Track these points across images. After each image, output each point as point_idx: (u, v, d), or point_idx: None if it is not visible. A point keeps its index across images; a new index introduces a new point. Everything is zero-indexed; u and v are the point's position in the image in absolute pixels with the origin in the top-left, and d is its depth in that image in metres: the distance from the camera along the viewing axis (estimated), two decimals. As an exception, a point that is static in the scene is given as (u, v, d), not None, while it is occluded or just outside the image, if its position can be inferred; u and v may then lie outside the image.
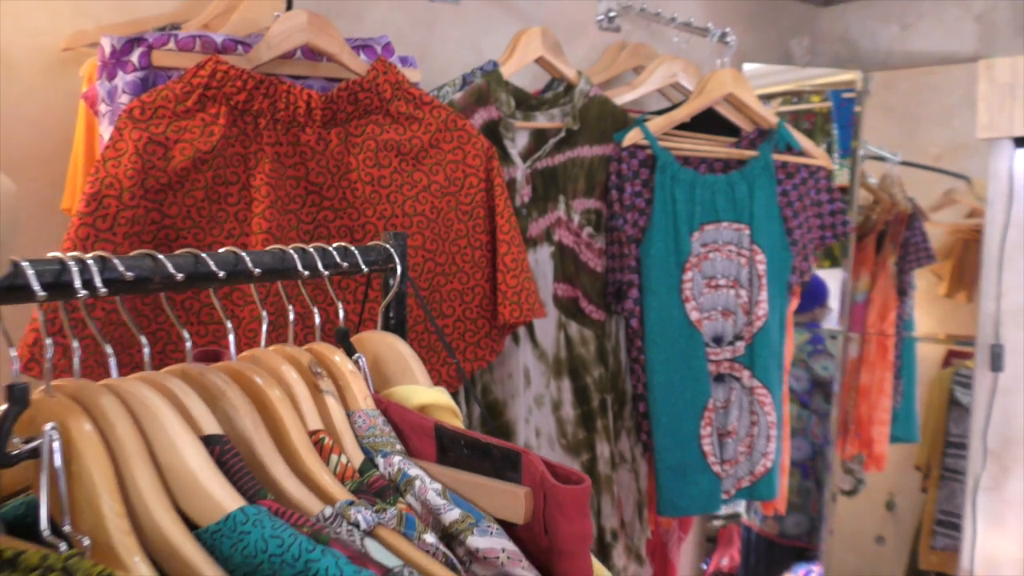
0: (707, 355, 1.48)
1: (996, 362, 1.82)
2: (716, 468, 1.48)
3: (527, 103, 1.38)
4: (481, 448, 0.55)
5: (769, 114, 1.55)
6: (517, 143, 1.34)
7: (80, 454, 0.42)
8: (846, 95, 2.21)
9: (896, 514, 2.63)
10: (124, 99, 1.07)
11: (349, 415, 0.58)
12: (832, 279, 2.38)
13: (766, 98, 2.29)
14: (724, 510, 2.59)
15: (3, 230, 0.29)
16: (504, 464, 0.54)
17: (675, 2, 1.86)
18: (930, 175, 2.30)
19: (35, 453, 0.41)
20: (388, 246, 0.68)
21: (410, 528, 0.49)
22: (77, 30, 1.20)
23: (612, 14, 1.65)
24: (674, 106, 1.55)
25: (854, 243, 2.23)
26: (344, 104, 1.12)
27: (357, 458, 0.56)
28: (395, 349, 0.65)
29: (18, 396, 0.41)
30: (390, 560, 0.46)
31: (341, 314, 0.65)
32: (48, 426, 0.41)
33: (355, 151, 1.14)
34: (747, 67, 2.09)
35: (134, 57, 1.07)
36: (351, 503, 0.49)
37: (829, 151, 2.27)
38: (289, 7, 1.19)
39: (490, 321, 1.22)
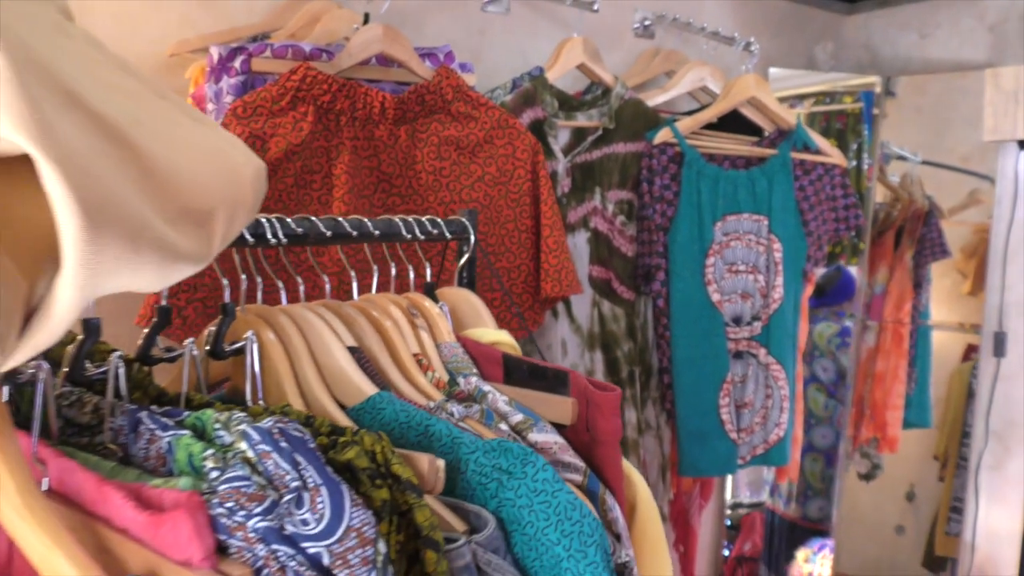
0: (727, 334, 1.66)
1: (999, 348, 1.98)
2: (733, 435, 1.65)
3: (569, 104, 1.57)
4: (538, 371, 0.75)
5: (789, 115, 1.72)
6: (559, 140, 1.53)
7: (268, 353, 0.62)
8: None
9: (916, 504, 2.76)
10: (228, 99, 1.27)
11: (438, 346, 0.77)
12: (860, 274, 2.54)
13: (798, 98, 2.46)
14: (748, 499, 2.77)
15: (259, 197, 0.48)
16: (556, 382, 0.73)
17: (706, 10, 2.03)
18: (957, 176, 2.44)
19: (239, 352, 0.61)
20: (464, 220, 0.88)
21: (489, 420, 0.68)
22: (181, 39, 1.40)
23: (647, 23, 1.83)
24: (702, 107, 1.73)
25: (870, 238, 2.38)
26: (412, 105, 1.31)
27: (444, 377, 0.75)
28: (469, 300, 0.84)
29: (230, 311, 0.61)
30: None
31: (428, 272, 0.84)
32: (249, 333, 0.61)
33: (420, 146, 1.33)
34: (772, 71, 2.26)
35: (236, 63, 1.27)
36: (447, 400, 0.68)
37: (859, 151, 2.43)
38: (366, 21, 1.38)
39: (533, 296, 1.40)
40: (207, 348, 0.60)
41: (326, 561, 0.42)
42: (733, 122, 1.73)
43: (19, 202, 0.37)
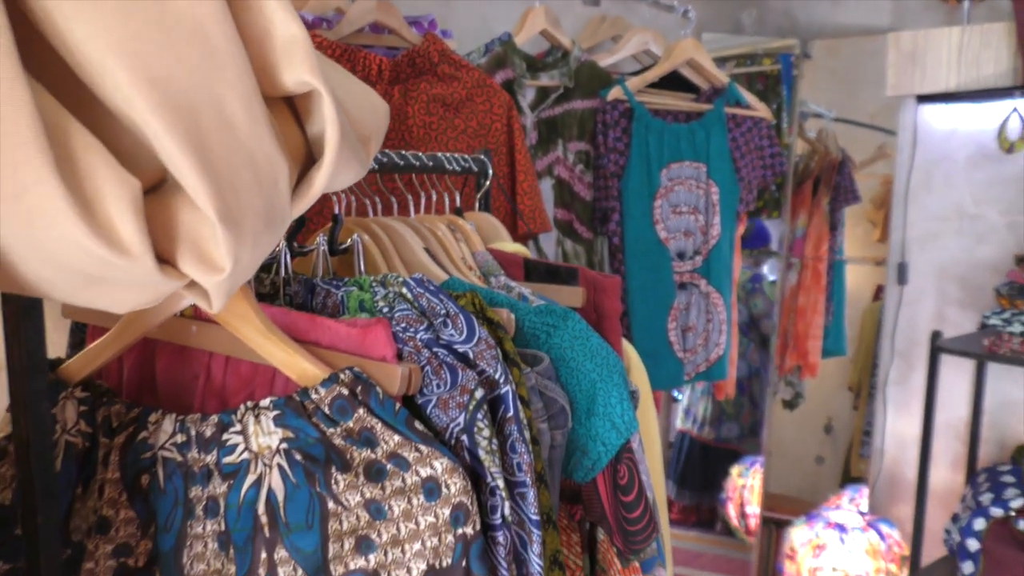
0: (672, 267, 1.93)
1: (902, 277, 2.32)
2: (680, 355, 1.94)
3: (534, 65, 1.81)
4: (553, 270, 0.99)
5: (722, 75, 2.00)
6: (527, 97, 1.77)
7: (367, 251, 0.85)
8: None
9: (833, 435, 3.13)
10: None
11: (473, 254, 1.01)
12: (774, 228, 2.87)
13: (722, 60, 2.74)
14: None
15: (380, 134, 0.70)
16: (568, 277, 0.98)
17: (645, -19, 2.29)
18: (867, 132, 2.77)
19: (346, 251, 0.84)
20: (484, 158, 1.11)
21: (524, 301, 0.92)
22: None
23: (594, -8, 2.07)
24: (645, 68, 1.99)
25: (791, 188, 2.69)
26: (404, 67, 1.53)
27: (480, 277, 0.99)
28: (489, 221, 1.09)
29: (339, 220, 0.83)
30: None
31: (458, 199, 1.08)
32: (355, 236, 0.84)
33: (412, 103, 1.55)
34: (705, 35, 2.54)
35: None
36: (490, 286, 0.92)
37: (779, 109, 2.73)
38: (359, -8, 1.59)
39: (511, 233, 1.65)
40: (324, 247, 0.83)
41: (471, 356, 0.66)
42: (673, 81, 2.00)
43: (287, 128, 0.59)
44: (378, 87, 1.52)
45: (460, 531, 0.59)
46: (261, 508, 0.63)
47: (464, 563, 0.59)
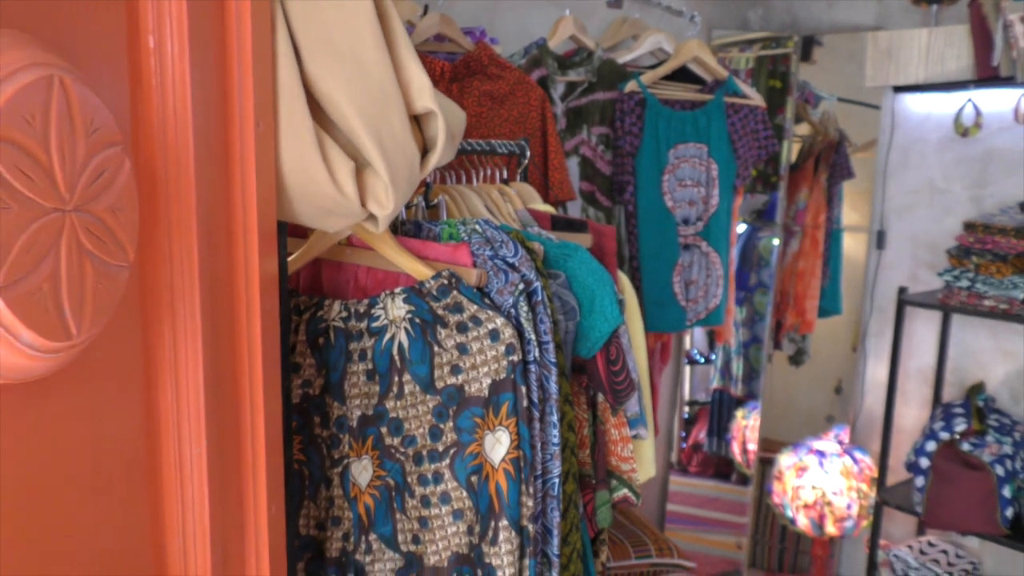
0: (678, 231, 2.40)
1: (881, 242, 2.76)
2: (682, 303, 2.41)
3: (563, 64, 2.28)
4: (570, 222, 1.48)
5: (722, 70, 2.46)
6: (558, 90, 2.24)
7: (448, 205, 1.33)
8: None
9: (843, 396, 3.56)
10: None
11: (515, 211, 1.49)
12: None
13: (748, 43, 3.18)
14: (702, 399, 3.59)
15: (461, 133, 1.17)
16: (580, 227, 1.46)
17: (661, -13, 2.74)
18: (870, 115, 3.19)
19: (435, 205, 1.32)
20: (523, 143, 1.60)
21: (550, 240, 1.40)
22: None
23: (617, -2, 2.53)
24: (659, 64, 2.44)
25: (787, 165, 3.13)
26: (461, 69, 2.01)
27: (520, 226, 1.47)
28: (527, 189, 1.57)
29: (430, 185, 1.32)
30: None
31: (505, 173, 1.56)
32: (440, 195, 1.32)
33: (467, 98, 2.03)
34: (716, 31, 2.98)
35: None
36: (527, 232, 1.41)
37: (800, 87, 3.15)
38: (425, 12, 2.07)
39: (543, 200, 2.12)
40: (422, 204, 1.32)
41: (516, 265, 1.14)
42: (682, 74, 2.46)
43: (416, 132, 1.07)
44: (440, 85, 2.00)
45: (510, 358, 1.08)
46: (395, 351, 1.13)
47: (512, 377, 1.08)
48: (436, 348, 1.11)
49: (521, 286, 1.13)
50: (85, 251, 0.59)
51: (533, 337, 1.12)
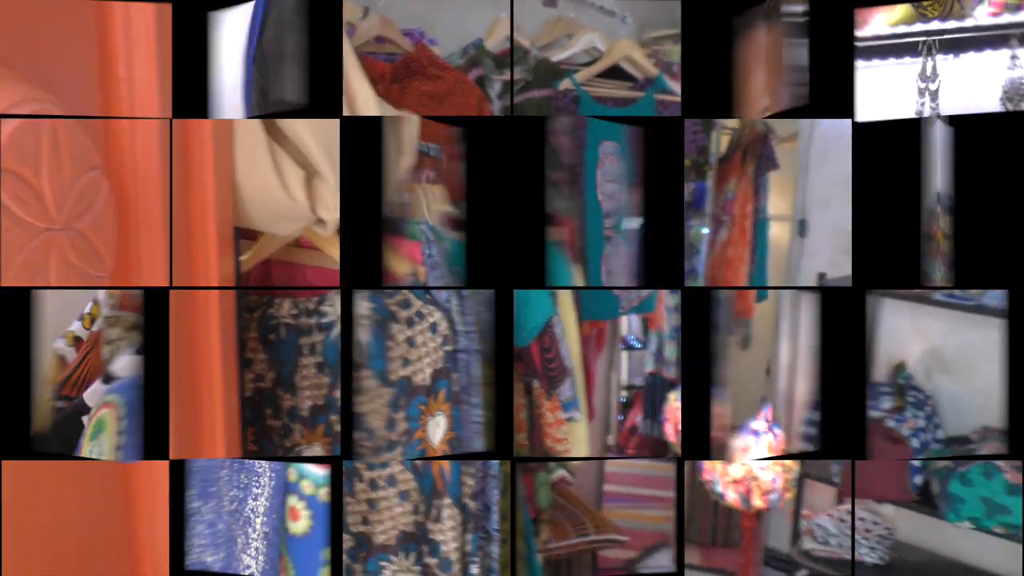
0: (605, 224, 2.51)
1: (803, 231, 2.92)
2: (615, 292, 2.53)
3: (500, 63, 2.37)
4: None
5: (652, 68, 2.57)
6: (495, 89, 2.33)
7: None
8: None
9: (771, 377, 3.70)
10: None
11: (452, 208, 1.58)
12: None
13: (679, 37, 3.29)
14: (638, 383, 3.72)
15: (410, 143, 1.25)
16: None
17: (594, -13, 2.84)
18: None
19: (378, 206, 1.41)
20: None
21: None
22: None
23: (551, -2, 2.63)
24: (592, 62, 2.55)
25: (716, 156, 3.27)
26: (401, 70, 2.09)
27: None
28: (466, 188, 1.67)
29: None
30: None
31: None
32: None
33: (407, 99, 2.11)
34: (647, 30, 3.10)
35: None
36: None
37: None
38: (365, 15, 2.14)
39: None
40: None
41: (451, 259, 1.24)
42: (614, 72, 2.57)
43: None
44: (380, 86, 2.08)
45: (446, 348, 1.17)
46: (347, 345, 1.22)
47: (447, 366, 1.18)
48: (389, 343, 1.21)
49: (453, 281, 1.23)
50: (71, 265, 0.67)
51: (462, 328, 1.22)
